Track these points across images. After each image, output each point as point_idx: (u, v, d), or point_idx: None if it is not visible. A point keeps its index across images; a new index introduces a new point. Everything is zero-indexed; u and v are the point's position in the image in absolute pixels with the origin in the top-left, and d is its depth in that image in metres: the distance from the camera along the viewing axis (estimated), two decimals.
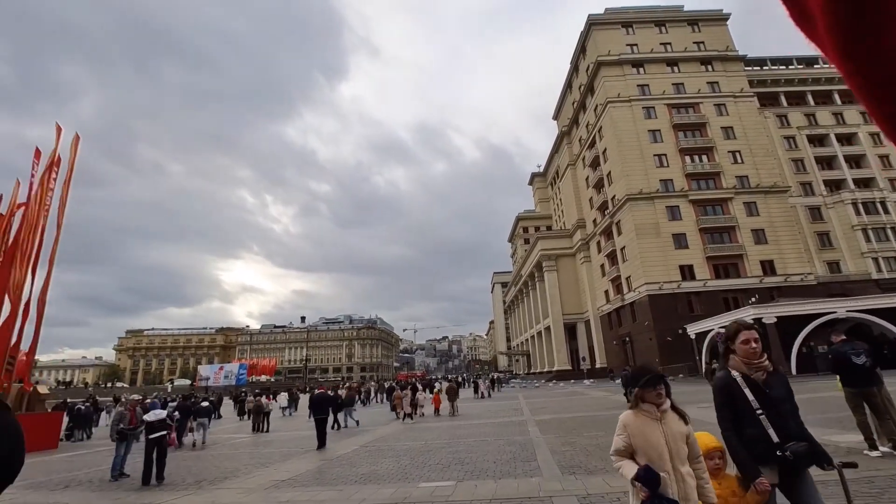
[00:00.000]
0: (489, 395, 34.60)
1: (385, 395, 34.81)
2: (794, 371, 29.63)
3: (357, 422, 19.05)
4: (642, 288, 46.68)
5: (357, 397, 25.03)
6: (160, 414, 10.10)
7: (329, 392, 16.22)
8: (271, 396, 24.01)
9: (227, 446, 15.66)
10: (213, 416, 27.38)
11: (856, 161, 55.02)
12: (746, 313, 31.87)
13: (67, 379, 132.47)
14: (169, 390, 68.32)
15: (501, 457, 9.73)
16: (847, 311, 30.55)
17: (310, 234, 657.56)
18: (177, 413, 17.87)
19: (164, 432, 9.87)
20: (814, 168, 54.21)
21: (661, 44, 55.74)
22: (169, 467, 11.60)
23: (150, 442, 9.62)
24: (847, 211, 51.17)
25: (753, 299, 35.25)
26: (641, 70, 54.72)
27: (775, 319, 30.81)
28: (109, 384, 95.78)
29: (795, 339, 30.57)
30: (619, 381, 43.04)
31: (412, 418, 19.84)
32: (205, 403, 19.27)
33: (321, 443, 13.42)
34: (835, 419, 11.27)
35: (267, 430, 19.60)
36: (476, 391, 34.91)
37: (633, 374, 3.25)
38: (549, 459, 9.00)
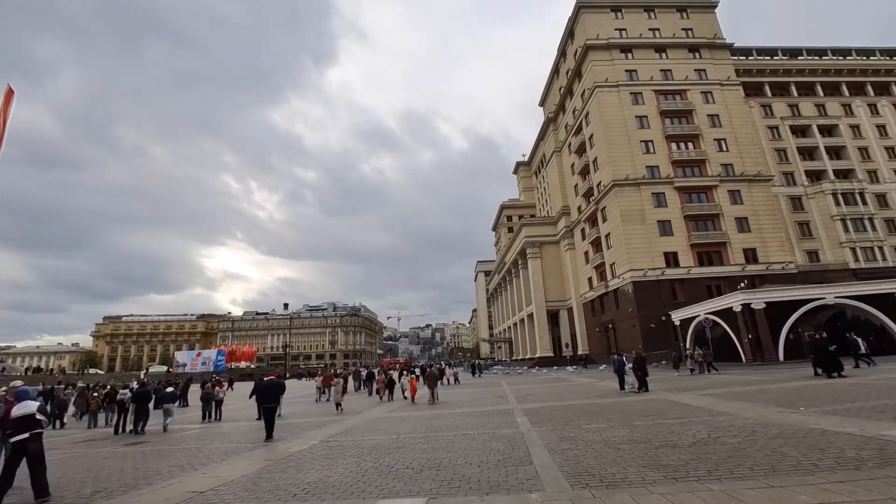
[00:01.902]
0: (458, 382, 32.44)
1: (365, 381, 32.70)
2: (781, 357, 28.41)
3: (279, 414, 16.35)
4: (626, 275, 45.25)
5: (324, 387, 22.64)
6: (28, 407, 6.91)
7: (280, 378, 13.92)
8: (225, 384, 21.70)
9: (170, 440, 13.26)
10: (178, 402, 25.21)
11: (836, 152, 54.37)
12: (735, 299, 30.53)
13: (42, 366, 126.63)
14: (142, 377, 64.66)
15: (488, 457, 7.62)
16: (835, 297, 29.41)
17: (295, 222, 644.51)
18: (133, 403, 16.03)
19: (27, 434, 6.71)
20: (796, 158, 53.34)
21: (649, 29, 53.85)
22: (78, 467, 9.24)
23: (14, 447, 6.69)
24: (827, 201, 50.48)
25: (742, 284, 34.05)
26: (630, 55, 52.79)
27: (764, 305, 29.47)
28: (84, 371, 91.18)
29: (783, 325, 29.33)
30: (602, 367, 41.68)
31: (340, 408, 18.02)
32: (169, 389, 17.55)
33: (269, 434, 11.69)
34: (889, 408, 9.48)
35: (219, 419, 17.75)
36: (441, 377, 32.18)
37: None
38: (549, 462, 6.92)
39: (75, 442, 14.26)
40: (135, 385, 26.70)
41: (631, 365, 17.95)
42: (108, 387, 29.91)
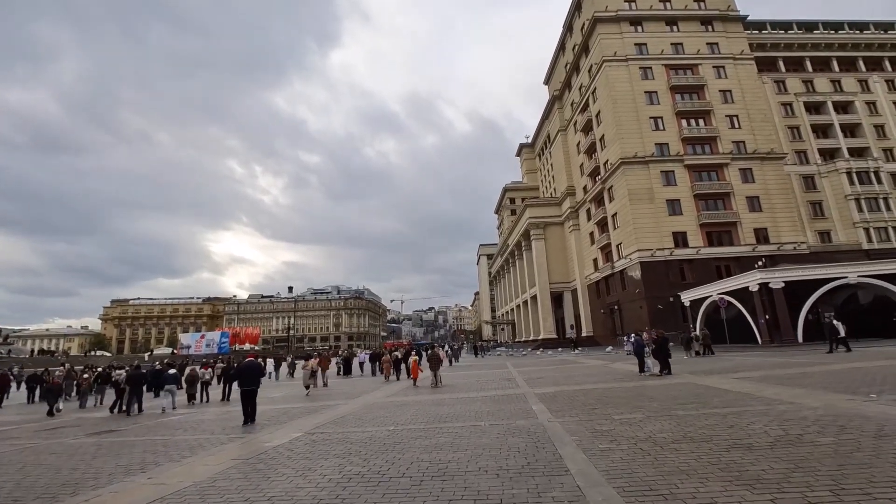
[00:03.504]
0: (451, 364, 31.42)
1: (371, 361, 31.34)
2: (800, 339, 26.61)
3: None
4: (634, 255, 43.29)
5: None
6: None
7: (259, 359, 12.25)
8: (209, 365, 20.12)
9: (141, 427, 11.59)
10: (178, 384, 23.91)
11: (851, 130, 51.64)
12: (753, 278, 28.57)
13: (52, 348, 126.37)
14: (146, 359, 63.68)
15: (507, 461, 5.83)
16: (859, 276, 27.41)
17: (300, 206, 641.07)
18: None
19: None
20: (809, 136, 50.69)
21: (660, 0, 50.73)
22: (11, 466, 7.54)
23: None
24: (841, 180, 48.06)
25: (760, 263, 32.03)
26: (639, 28, 49.80)
27: (783, 284, 27.54)
28: (89, 353, 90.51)
29: (801, 305, 27.44)
30: (609, 349, 40.02)
31: (307, 390, 17.89)
32: (172, 371, 17.10)
33: (251, 419, 10.90)
34: None
35: (206, 401, 17.03)
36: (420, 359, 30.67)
37: None
38: (590, 470, 5.12)
39: (41, 430, 12.63)
40: (127, 368, 25.21)
41: (645, 346, 16.22)
42: (100, 368, 28.51)
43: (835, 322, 20.06)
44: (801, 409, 7.95)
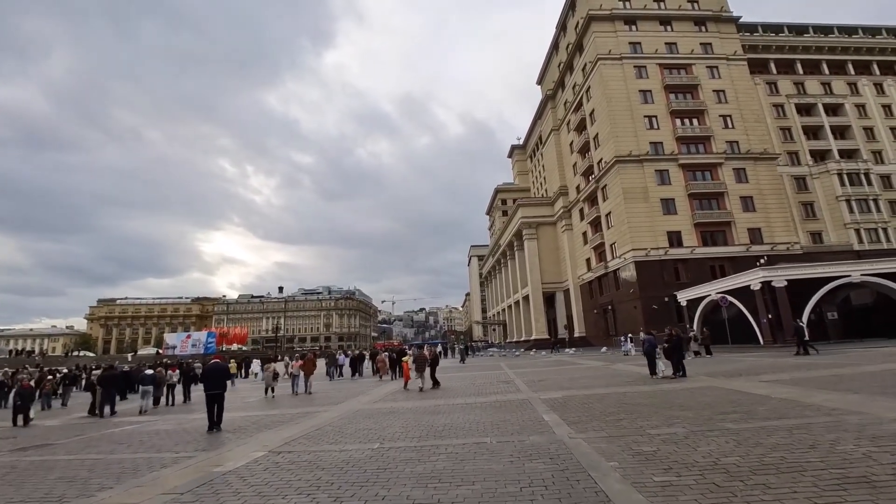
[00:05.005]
0: (462, 361, 29.82)
1: (351, 363, 29.45)
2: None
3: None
4: (628, 254, 41.97)
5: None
6: None
7: (226, 362, 10.48)
8: (176, 367, 18.16)
9: (80, 441, 9.62)
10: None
11: (841, 132, 51.12)
12: (755, 276, 27.31)
13: (35, 349, 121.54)
14: (129, 360, 60.76)
15: (533, 502, 4.09)
16: (862, 274, 26.30)
17: (292, 206, 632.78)
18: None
19: None
20: (801, 137, 50.05)
21: (654, 0, 49.76)
22: None
23: None
24: (832, 181, 47.41)
25: (762, 261, 30.90)
26: (634, 27, 48.71)
27: (786, 283, 26.31)
28: (71, 353, 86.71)
29: (803, 305, 26.21)
30: (604, 349, 38.54)
31: (271, 392, 16.78)
32: (148, 371, 16.29)
33: (215, 425, 9.77)
34: None
35: (171, 405, 16.03)
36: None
37: None
38: None
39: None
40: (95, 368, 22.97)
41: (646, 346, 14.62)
42: (68, 369, 26.21)
43: (800, 324, 20.47)
44: (880, 421, 6.37)
